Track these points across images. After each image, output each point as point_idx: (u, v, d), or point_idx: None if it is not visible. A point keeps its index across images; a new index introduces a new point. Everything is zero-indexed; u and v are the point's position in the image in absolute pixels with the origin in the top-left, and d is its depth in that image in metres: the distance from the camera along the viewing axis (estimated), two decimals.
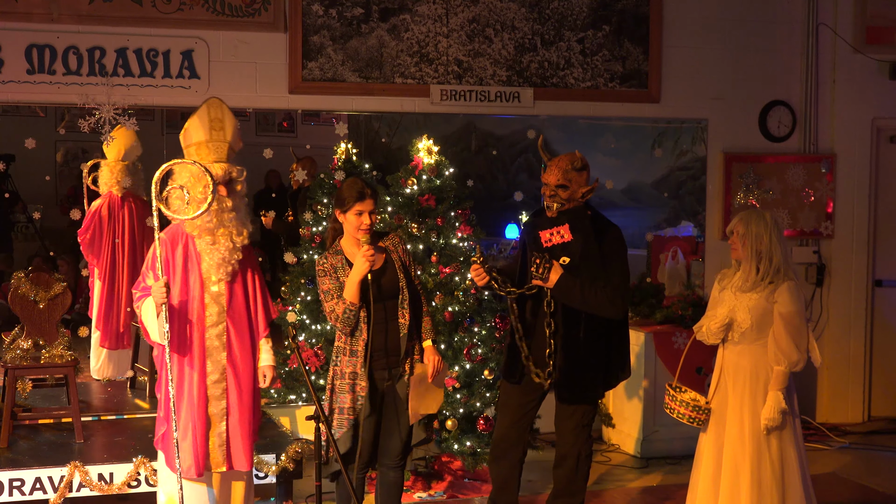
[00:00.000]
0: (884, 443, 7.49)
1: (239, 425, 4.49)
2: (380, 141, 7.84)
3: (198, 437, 4.42)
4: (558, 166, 4.97)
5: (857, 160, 7.95)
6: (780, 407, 4.67)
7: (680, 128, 8.00)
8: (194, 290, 4.44)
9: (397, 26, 7.01)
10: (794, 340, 4.68)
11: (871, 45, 7.82)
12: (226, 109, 4.53)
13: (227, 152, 4.48)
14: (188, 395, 4.44)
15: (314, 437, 4.51)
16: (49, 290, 5.92)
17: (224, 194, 4.44)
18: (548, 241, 4.93)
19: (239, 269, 4.53)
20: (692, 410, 4.86)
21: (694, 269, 7.98)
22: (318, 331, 6.55)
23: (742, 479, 4.74)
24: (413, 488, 6.09)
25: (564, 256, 4.81)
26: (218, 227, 4.42)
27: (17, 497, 5.32)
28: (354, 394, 4.72)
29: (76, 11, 6.40)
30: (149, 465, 5.45)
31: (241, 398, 4.50)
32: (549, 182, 4.97)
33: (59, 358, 5.88)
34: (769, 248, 4.71)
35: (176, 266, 4.44)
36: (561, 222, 4.93)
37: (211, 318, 4.45)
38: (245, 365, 4.53)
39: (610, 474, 6.60)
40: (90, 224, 6.77)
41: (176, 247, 4.46)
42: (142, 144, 6.87)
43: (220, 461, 4.46)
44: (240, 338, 4.52)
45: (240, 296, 4.53)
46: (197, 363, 4.42)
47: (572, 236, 4.89)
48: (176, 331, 4.42)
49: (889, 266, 8.10)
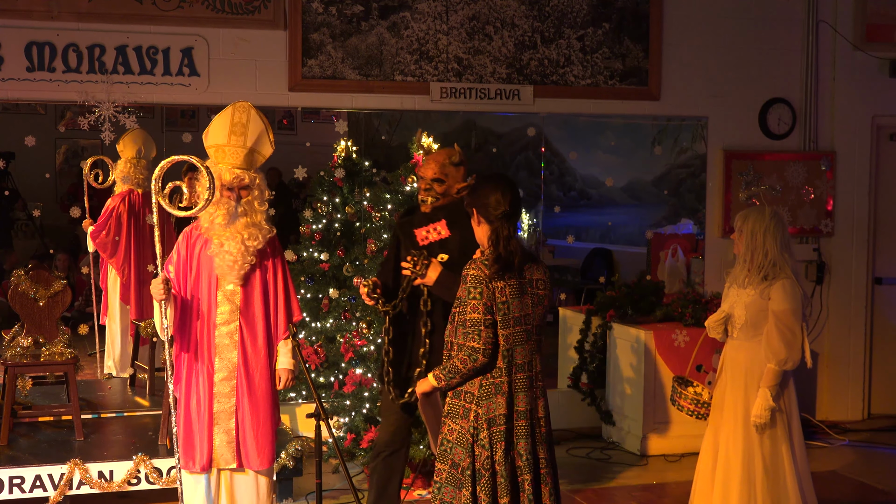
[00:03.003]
0: (884, 440, 7.49)
1: (251, 425, 4.46)
2: (380, 138, 7.84)
3: (202, 433, 4.41)
4: (436, 160, 4.84)
5: (857, 158, 7.95)
6: (767, 405, 4.67)
7: (680, 125, 8.00)
8: (207, 287, 4.43)
9: (397, 24, 7.00)
10: (785, 339, 4.67)
11: (871, 43, 7.82)
12: (252, 114, 4.45)
13: (244, 157, 4.43)
14: (195, 392, 4.43)
15: (314, 435, 4.51)
16: (49, 288, 5.92)
17: (232, 199, 4.42)
18: (424, 238, 4.78)
19: (259, 270, 4.50)
20: (694, 404, 4.88)
21: (694, 267, 7.98)
22: (318, 328, 6.55)
23: (734, 475, 4.74)
24: (413, 486, 6.10)
25: (442, 253, 4.65)
26: (226, 230, 4.41)
27: (17, 494, 5.33)
28: None
29: (76, 9, 6.40)
30: (149, 462, 5.46)
31: (252, 398, 4.47)
32: (425, 175, 4.81)
33: (59, 356, 5.88)
34: (763, 245, 4.72)
35: (192, 262, 4.44)
36: (437, 218, 4.80)
37: (222, 316, 4.44)
38: (259, 365, 4.50)
39: (610, 471, 6.61)
40: (106, 221, 6.80)
41: (195, 243, 4.47)
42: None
43: (228, 458, 4.44)
44: (253, 338, 4.49)
45: (257, 296, 4.50)
46: (205, 360, 4.42)
47: (450, 232, 4.77)
48: (187, 327, 4.42)
49: (889, 264, 8.10)
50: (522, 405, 3.91)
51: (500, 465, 3.84)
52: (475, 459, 3.84)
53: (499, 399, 3.85)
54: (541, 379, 3.99)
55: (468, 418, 3.86)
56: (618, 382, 7.24)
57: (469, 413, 3.86)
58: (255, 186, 4.48)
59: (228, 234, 4.41)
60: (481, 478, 3.83)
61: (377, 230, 6.38)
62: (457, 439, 3.87)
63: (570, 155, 8.33)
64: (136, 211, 6.90)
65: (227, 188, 4.40)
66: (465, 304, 3.85)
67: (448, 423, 3.92)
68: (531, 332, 3.96)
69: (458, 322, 3.89)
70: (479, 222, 4.01)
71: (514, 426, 3.89)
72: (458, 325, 3.89)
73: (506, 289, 3.88)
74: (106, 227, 6.81)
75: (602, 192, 8.69)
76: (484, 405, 3.86)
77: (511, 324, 3.88)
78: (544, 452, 3.95)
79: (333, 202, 6.83)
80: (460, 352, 3.84)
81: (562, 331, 7.88)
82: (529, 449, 3.90)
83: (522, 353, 3.92)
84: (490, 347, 3.83)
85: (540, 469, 3.93)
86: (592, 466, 6.72)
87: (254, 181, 4.47)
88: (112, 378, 7.02)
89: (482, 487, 3.83)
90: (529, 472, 3.89)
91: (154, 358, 6.67)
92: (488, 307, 3.84)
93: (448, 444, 3.91)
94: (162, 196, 4.18)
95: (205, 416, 4.41)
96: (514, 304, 3.89)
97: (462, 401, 3.89)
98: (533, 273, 3.99)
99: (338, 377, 6.51)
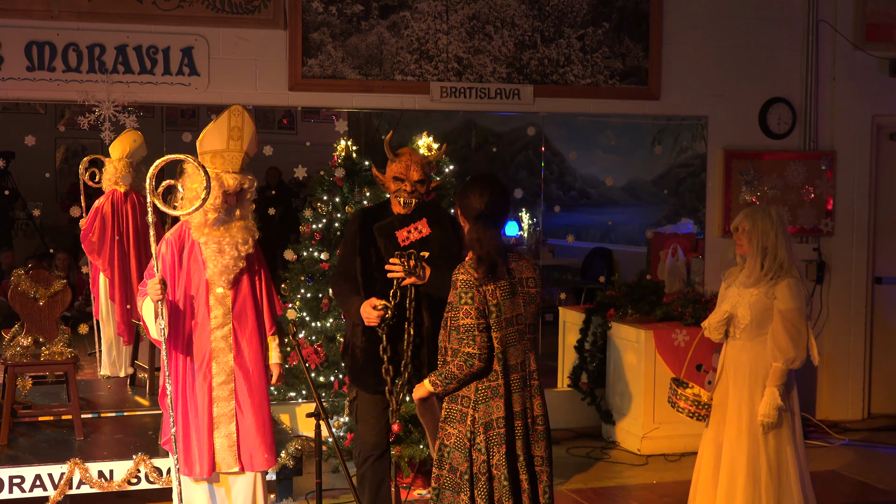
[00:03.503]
0: (884, 440, 7.49)
1: (253, 426, 4.46)
2: (380, 138, 7.83)
3: (203, 439, 4.39)
4: (416, 161, 4.77)
5: (857, 157, 7.95)
6: (776, 404, 4.68)
7: (680, 125, 8.00)
8: (199, 291, 4.42)
9: (397, 23, 7.00)
10: (792, 338, 4.68)
11: (871, 42, 7.82)
12: (246, 117, 4.46)
13: (241, 161, 4.44)
14: (193, 397, 4.42)
15: (314, 434, 4.51)
16: (49, 288, 5.92)
17: (233, 204, 4.42)
18: (405, 239, 4.75)
19: (246, 272, 4.51)
20: (693, 405, 4.87)
21: (694, 267, 7.98)
22: (318, 328, 6.55)
23: (738, 475, 4.74)
24: (413, 485, 6.10)
25: (424, 251, 4.65)
26: (225, 235, 4.41)
27: (17, 494, 5.32)
28: None
29: (76, 8, 6.40)
30: (149, 462, 5.46)
31: (252, 399, 4.47)
32: (411, 178, 4.74)
33: (59, 355, 5.88)
34: (774, 245, 4.72)
35: (182, 267, 4.42)
36: (417, 218, 4.78)
37: (216, 320, 4.43)
38: (255, 366, 4.50)
39: (610, 471, 6.61)
40: (92, 223, 6.79)
41: (182, 247, 4.44)
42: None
43: (230, 462, 4.44)
44: (247, 339, 4.49)
45: (246, 297, 4.50)
46: (203, 365, 4.40)
47: (430, 229, 4.77)
48: (181, 332, 4.40)
49: (889, 263, 8.10)
50: (517, 406, 3.89)
51: (499, 468, 3.82)
52: (472, 464, 3.82)
53: (496, 402, 3.83)
54: (536, 377, 3.96)
55: (465, 422, 3.84)
56: (618, 382, 7.24)
57: (466, 417, 3.84)
58: (250, 190, 4.49)
59: (228, 239, 4.40)
60: (478, 482, 3.81)
61: None
62: (455, 444, 3.86)
63: (570, 154, 8.33)
64: (119, 211, 6.87)
65: (230, 193, 4.40)
66: (458, 310, 3.81)
67: (446, 428, 3.91)
68: (524, 332, 3.93)
69: (451, 327, 3.87)
70: (463, 223, 3.99)
71: (514, 427, 3.88)
72: (451, 329, 3.86)
73: (496, 291, 3.84)
74: (91, 229, 6.80)
75: (602, 192, 8.69)
76: (481, 409, 3.84)
77: (503, 325, 3.85)
78: (541, 451, 3.93)
79: (333, 202, 6.82)
80: (455, 357, 3.81)
81: (562, 330, 7.88)
82: (525, 449, 3.89)
83: (515, 353, 3.90)
84: (486, 352, 3.80)
85: (534, 467, 3.92)
86: (592, 466, 6.72)
87: (252, 184, 4.48)
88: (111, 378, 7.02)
89: (479, 492, 3.81)
90: (526, 472, 3.88)
91: (154, 358, 6.67)
92: (480, 311, 3.81)
93: (446, 448, 3.89)
94: (156, 195, 4.17)
95: (204, 422, 4.39)
96: (506, 305, 3.86)
97: (459, 405, 3.87)
98: (523, 272, 3.96)
99: (337, 377, 6.51)
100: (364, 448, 4.86)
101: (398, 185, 4.75)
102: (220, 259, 4.39)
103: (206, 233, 4.41)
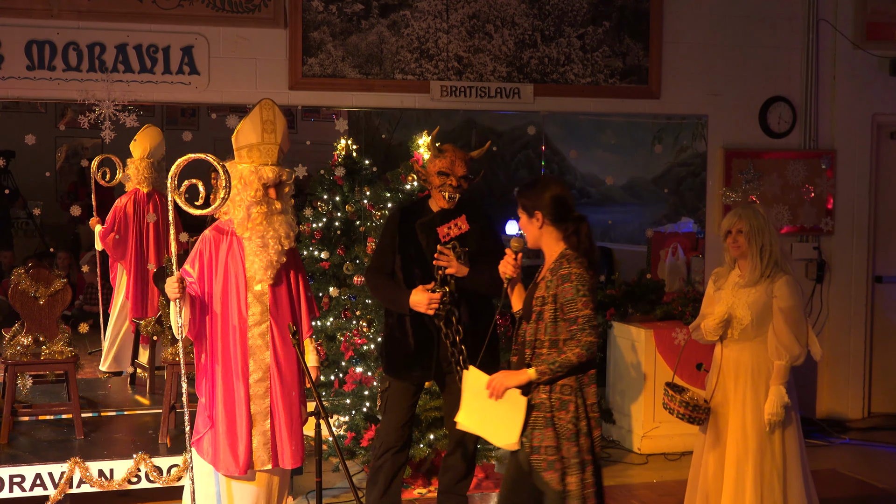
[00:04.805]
0: (883, 438, 7.49)
1: (285, 424, 4.46)
2: (380, 137, 7.84)
3: (241, 436, 4.39)
4: (460, 157, 4.92)
5: (857, 156, 7.95)
6: (782, 401, 4.68)
7: (680, 124, 8.00)
8: (238, 288, 4.40)
9: (397, 22, 7.00)
10: (795, 334, 4.69)
11: (871, 42, 7.82)
12: (277, 111, 4.47)
13: (277, 154, 4.45)
14: (231, 395, 4.40)
15: (314, 434, 4.51)
16: (49, 287, 5.92)
17: (273, 197, 4.42)
18: (446, 235, 4.86)
19: (283, 269, 4.50)
20: (691, 410, 4.85)
21: (694, 266, 7.98)
22: (319, 327, 6.55)
23: (746, 475, 4.74)
24: (413, 484, 6.10)
25: (463, 247, 4.81)
26: (268, 229, 4.40)
27: (17, 493, 5.33)
28: None
29: (76, 7, 6.40)
30: (149, 461, 5.46)
31: (285, 397, 4.47)
32: (456, 173, 4.89)
33: (60, 354, 5.89)
34: (770, 241, 4.74)
35: (219, 264, 4.40)
36: (457, 213, 4.89)
37: (254, 318, 4.42)
38: (290, 364, 4.50)
39: (610, 470, 6.61)
40: (114, 222, 6.83)
41: (220, 244, 4.42)
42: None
43: (264, 459, 4.43)
44: (284, 337, 4.49)
45: (284, 296, 4.50)
46: (239, 362, 4.39)
47: (469, 225, 4.88)
48: (218, 330, 4.38)
49: (889, 262, 8.10)
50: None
51: (597, 450, 4.04)
52: (580, 449, 3.98)
53: (591, 388, 4.04)
54: None
55: (567, 409, 3.99)
56: (618, 381, 7.24)
57: (568, 405, 3.99)
58: (288, 182, 4.49)
59: (271, 233, 4.39)
60: (587, 466, 3.99)
61: (377, 228, 6.38)
62: (561, 432, 3.98)
63: (571, 153, 8.33)
64: (141, 210, 6.94)
65: (270, 186, 4.39)
66: (575, 302, 3.97)
67: (536, 434, 4.02)
68: None
69: (557, 318, 4.00)
70: (542, 223, 4.10)
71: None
72: (558, 321, 4.00)
73: (595, 283, 4.09)
74: (115, 228, 6.85)
75: (602, 191, 8.69)
76: (585, 393, 4.02)
77: None
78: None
79: (334, 201, 6.83)
80: (577, 346, 3.95)
81: None
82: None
83: None
84: (600, 340, 4.06)
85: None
86: None
87: (290, 176, 4.50)
88: (111, 377, 7.03)
89: (588, 474, 3.99)
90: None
91: (154, 357, 6.67)
92: (594, 302, 4.02)
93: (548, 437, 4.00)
94: (178, 194, 4.16)
95: (243, 419, 4.39)
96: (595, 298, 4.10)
97: (559, 394, 4.00)
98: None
99: (338, 376, 6.51)
100: (388, 439, 4.99)
101: (443, 180, 4.89)
102: (265, 254, 4.37)
103: (249, 227, 4.40)
